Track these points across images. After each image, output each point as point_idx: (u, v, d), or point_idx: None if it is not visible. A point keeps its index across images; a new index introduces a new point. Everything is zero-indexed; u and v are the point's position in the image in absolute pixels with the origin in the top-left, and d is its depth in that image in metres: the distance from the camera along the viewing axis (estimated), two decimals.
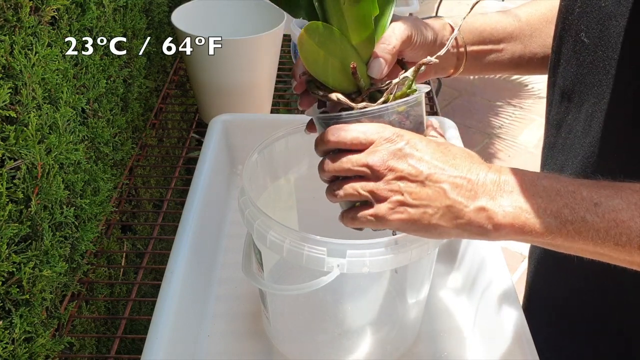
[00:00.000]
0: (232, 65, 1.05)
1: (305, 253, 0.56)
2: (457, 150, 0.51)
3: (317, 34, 0.51)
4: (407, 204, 0.49)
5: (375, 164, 0.49)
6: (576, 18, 0.60)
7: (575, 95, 0.61)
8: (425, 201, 0.49)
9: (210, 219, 0.82)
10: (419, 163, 0.49)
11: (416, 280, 0.68)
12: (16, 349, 0.63)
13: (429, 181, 0.49)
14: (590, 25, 0.58)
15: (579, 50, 0.60)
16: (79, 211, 0.79)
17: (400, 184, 0.49)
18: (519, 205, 0.47)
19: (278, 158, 0.72)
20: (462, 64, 0.67)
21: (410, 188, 0.49)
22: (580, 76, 0.60)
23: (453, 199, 0.48)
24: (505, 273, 0.71)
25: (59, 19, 0.73)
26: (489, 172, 0.49)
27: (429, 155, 0.49)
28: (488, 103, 2.98)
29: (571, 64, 0.62)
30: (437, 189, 0.48)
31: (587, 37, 0.58)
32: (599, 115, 0.57)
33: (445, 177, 0.48)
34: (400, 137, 0.50)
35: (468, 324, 0.74)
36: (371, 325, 0.70)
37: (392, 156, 0.49)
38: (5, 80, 0.61)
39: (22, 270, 0.63)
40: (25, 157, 0.64)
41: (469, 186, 0.48)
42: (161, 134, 1.22)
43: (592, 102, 0.58)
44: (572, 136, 0.63)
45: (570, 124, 0.63)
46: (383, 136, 0.50)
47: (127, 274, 1.02)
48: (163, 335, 0.61)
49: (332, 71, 0.53)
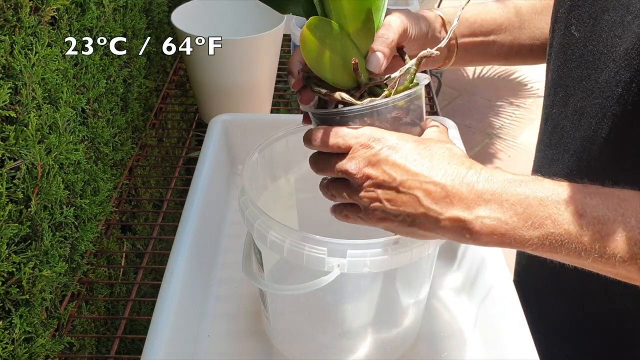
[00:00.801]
0: (232, 65, 1.05)
1: (306, 253, 0.56)
2: (436, 150, 0.49)
3: (319, 29, 0.51)
4: (386, 210, 0.49)
5: (352, 171, 0.49)
6: (567, 11, 0.59)
7: (561, 89, 0.60)
8: (402, 208, 0.48)
9: (210, 219, 0.82)
10: (392, 169, 0.48)
11: (416, 280, 0.68)
12: (16, 349, 0.63)
13: (403, 187, 0.48)
14: (581, 18, 0.57)
15: (568, 43, 0.59)
16: (79, 211, 0.79)
17: (378, 191, 0.49)
18: (498, 217, 0.46)
19: (278, 158, 0.72)
20: (453, 56, 0.67)
21: (387, 195, 0.48)
22: (568, 70, 0.59)
23: (426, 207, 0.47)
24: (505, 273, 0.71)
25: (59, 19, 0.73)
26: (465, 178, 0.47)
27: (403, 158, 0.48)
28: (488, 103, 2.98)
29: (559, 58, 0.61)
30: (410, 196, 0.48)
31: (577, 31, 0.57)
32: (589, 111, 0.56)
33: (418, 183, 0.47)
34: (377, 141, 0.49)
35: (468, 324, 0.74)
36: (371, 325, 0.70)
37: (366, 163, 0.49)
38: (5, 80, 0.61)
39: (22, 271, 0.63)
40: (25, 157, 0.64)
41: (442, 193, 0.47)
42: (161, 134, 1.22)
43: (581, 97, 0.57)
44: (559, 130, 0.62)
45: (555, 119, 0.62)
46: (359, 142, 0.49)
47: (127, 274, 1.02)
48: (163, 335, 0.61)
49: (333, 67, 0.53)
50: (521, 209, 0.45)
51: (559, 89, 0.61)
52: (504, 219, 0.45)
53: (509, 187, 0.46)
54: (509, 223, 0.45)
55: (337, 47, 0.52)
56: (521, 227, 0.45)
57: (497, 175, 0.47)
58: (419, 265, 0.65)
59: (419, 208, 0.47)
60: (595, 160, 0.57)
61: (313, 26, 0.50)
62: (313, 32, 0.50)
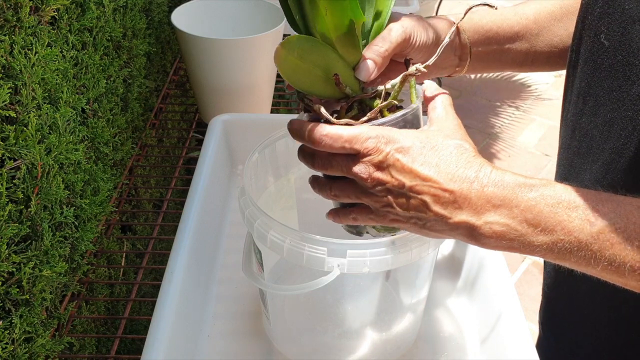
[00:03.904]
0: (232, 65, 1.05)
1: (306, 253, 0.56)
2: (444, 150, 0.48)
3: (296, 47, 0.49)
4: (398, 214, 0.49)
5: (362, 175, 0.48)
6: (596, 18, 0.57)
7: (591, 98, 0.59)
8: (412, 211, 0.48)
9: (210, 219, 0.82)
10: (401, 174, 0.47)
11: (416, 280, 0.68)
12: (16, 349, 0.63)
13: (412, 192, 0.47)
14: (611, 27, 0.55)
15: (597, 52, 0.57)
16: (79, 211, 0.79)
17: (389, 196, 0.48)
18: (507, 223, 0.45)
19: (278, 158, 0.72)
20: (466, 65, 0.65)
21: (398, 199, 0.48)
22: (598, 79, 0.57)
23: (435, 211, 0.47)
24: (505, 273, 0.71)
25: (59, 19, 0.73)
26: (474, 182, 0.46)
27: (411, 161, 0.47)
28: (488, 103, 2.98)
29: (588, 66, 0.59)
30: (419, 201, 0.47)
31: (607, 40, 0.55)
32: (619, 122, 0.55)
33: (426, 188, 0.47)
34: (386, 144, 0.48)
35: (468, 324, 0.74)
36: (371, 325, 0.70)
37: (375, 168, 0.48)
38: (5, 80, 0.61)
39: (22, 271, 0.63)
40: (25, 157, 0.64)
41: (451, 198, 0.46)
42: (161, 134, 1.22)
43: (611, 108, 0.56)
44: (588, 140, 0.60)
45: (584, 127, 0.60)
46: (367, 146, 0.48)
47: (127, 274, 1.02)
48: (163, 335, 0.61)
49: (316, 81, 0.52)
50: (531, 215, 0.45)
51: (589, 98, 0.59)
52: (513, 225, 0.45)
53: (520, 192, 0.45)
54: (518, 229, 0.45)
55: (319, 60, 0.51)
56: (530, 234, 0.45)
57: (508, 178, 0.46)
58: (419, 265, 0.65)
59: (428, 212, 0.47)
60: (624, 173, 0.56)
61: (289, 44, 0.49)
62: (289, 51, 0.49)
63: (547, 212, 0.44)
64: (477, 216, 0.46)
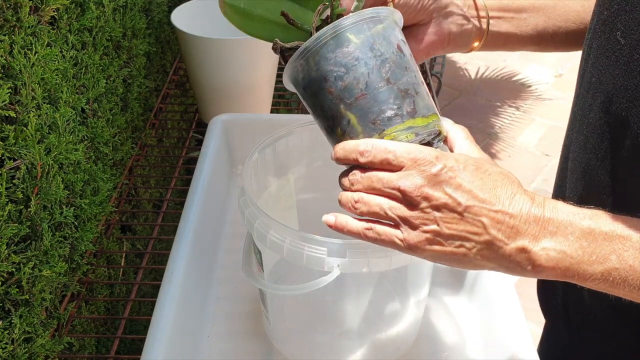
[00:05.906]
0: (232, 65, 1.05)
1: (306, 253, 0.56)
2: (496, 176, 0.47)
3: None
4: (442, 234, 0.46)
5: (408, 189, 0.46)
6: (613, 15, 0.56)
7: (600, 94, 0.58)
8: (463, 234, 0.46)
9: (210, 219, 0.82)
10: (456, 192, 0.45)
11: (416, 280, 0.68)
12: (16, 349, 0.63)
13: (468, 213, 0.45)
14: (628, 25, 0.53)
15: (612, 49, 0.56)
16: (79, 211, 0.79)
17: (436, 213, 0.46)
18: (563, 250, 0.44)
19: (278, 158, 0.72)
20: (484, 37, 0.64)
21: (448, 219, 0.45)
22: (611, 77, 0.56)
23: (493, 235, 0.45)
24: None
25: (59, 19, 0.73)
26: (532, 207, 0.45)
27: (467, 181, 0.46)
28: (488, 103, 2.98)
29: (601, 62, 0.58)
30: (476, 223, 0.45)
31: (623, 37, 0.54)
32: (634, 120, 0.54)
33: (486, 211, 0.45)
34: (437, 158, 0.46)
35: (468, 324, 0.74)
36: (371, 325, 0.70)
37: (426, 182, 0.46)
38: (4, 80, 0.61)
39: (22, 271, 0.63)
40: (24, 157, 0.64)
41: (510, 222, 0.45)
42: (161, 133, 1.22)
43: (626, 106, 0.54)
44: (596, 136, 0.59)
45: (593, 123, 0.59)
46: (416, 158, 0.46)
47: (126, 274, 1.02)
48: (163, 335, 0.61)
49: (273, 28, 0.52)
50: (586, 242, 0.44)
51: (598, 94, 0.58)
52: (569, 252, 0.44)
53: (575, 220, 0.45)
54: (573, 257, 0.44)
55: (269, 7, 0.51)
56: (585, 262, 0.44)
57: (561, 207, 0.46)
58: (419, 265, 0.65)
59: (484, 235, 0.45)
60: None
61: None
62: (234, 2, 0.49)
63: (602, 240, 0.44)
64: (535, 242, 0.45)
